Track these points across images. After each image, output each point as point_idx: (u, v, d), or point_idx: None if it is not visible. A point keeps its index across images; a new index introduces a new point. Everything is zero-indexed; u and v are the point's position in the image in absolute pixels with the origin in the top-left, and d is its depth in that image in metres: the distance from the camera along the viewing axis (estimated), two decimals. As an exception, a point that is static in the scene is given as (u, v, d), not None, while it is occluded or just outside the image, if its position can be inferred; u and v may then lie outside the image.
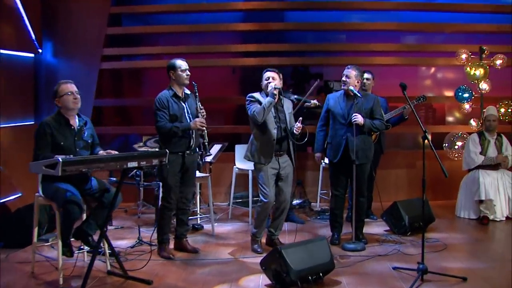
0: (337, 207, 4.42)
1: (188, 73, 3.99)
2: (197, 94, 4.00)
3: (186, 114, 3.96)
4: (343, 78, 4.29)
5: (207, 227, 5.08)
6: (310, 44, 6.79)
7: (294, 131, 4.06)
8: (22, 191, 5.60)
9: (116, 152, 3.40)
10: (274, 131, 4.08)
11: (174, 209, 4.07)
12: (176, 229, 4.19)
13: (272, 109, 4.09)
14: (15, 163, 5.57)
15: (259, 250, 4.18)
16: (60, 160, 2.79)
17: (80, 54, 6.55)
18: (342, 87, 4.32)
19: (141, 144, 6.16)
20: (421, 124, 3.54)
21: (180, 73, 3.96)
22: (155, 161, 3.32)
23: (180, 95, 4.01)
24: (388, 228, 4.82)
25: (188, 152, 3.96)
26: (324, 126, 4.51)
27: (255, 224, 4.24)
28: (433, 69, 6.99)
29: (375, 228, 4.97)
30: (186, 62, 4.04)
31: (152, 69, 6.87)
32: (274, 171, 4.12)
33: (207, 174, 5.00)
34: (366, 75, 5.23)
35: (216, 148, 6.15)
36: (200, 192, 5.69)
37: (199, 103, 3.96)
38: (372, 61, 6.49)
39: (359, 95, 4.19)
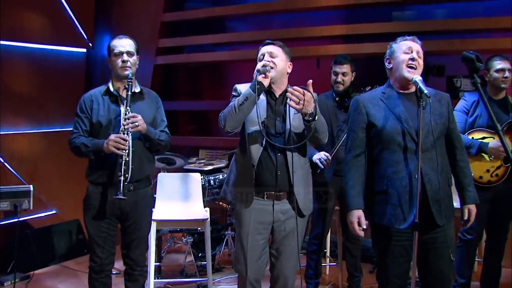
0: None
1: (125, 58, 2.55)
2: (129, 92, 2.53)
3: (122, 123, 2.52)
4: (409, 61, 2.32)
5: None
6: (424, 21, 4.63)
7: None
8: (57, 208, 4.93)
9: None
10: (256, 151, 2.32)
11: (104, 271, 2.72)
12: None
13: (259, 108, 2.27)
14: (51, 176, 4.90)
15: None
16: None
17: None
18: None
19: (194, 159, 5.02)
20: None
21: (113, 58, 2.57)
22: (4, 205, 2.06)
23: (118, 92, 2.63)
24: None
25: (122, 185, 2.44)
26: (361, 157, 2.39)
27: None
28: None
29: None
30: (131, 40, 2.62)
31: (228, 62, 5.58)
32: (261, 226, 2.38)
33: (204, 217, 3.46)
34: (502, 64, 3.12)
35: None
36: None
37: (128, 107, 2.49)
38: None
39: (426, 91, 2.16)
